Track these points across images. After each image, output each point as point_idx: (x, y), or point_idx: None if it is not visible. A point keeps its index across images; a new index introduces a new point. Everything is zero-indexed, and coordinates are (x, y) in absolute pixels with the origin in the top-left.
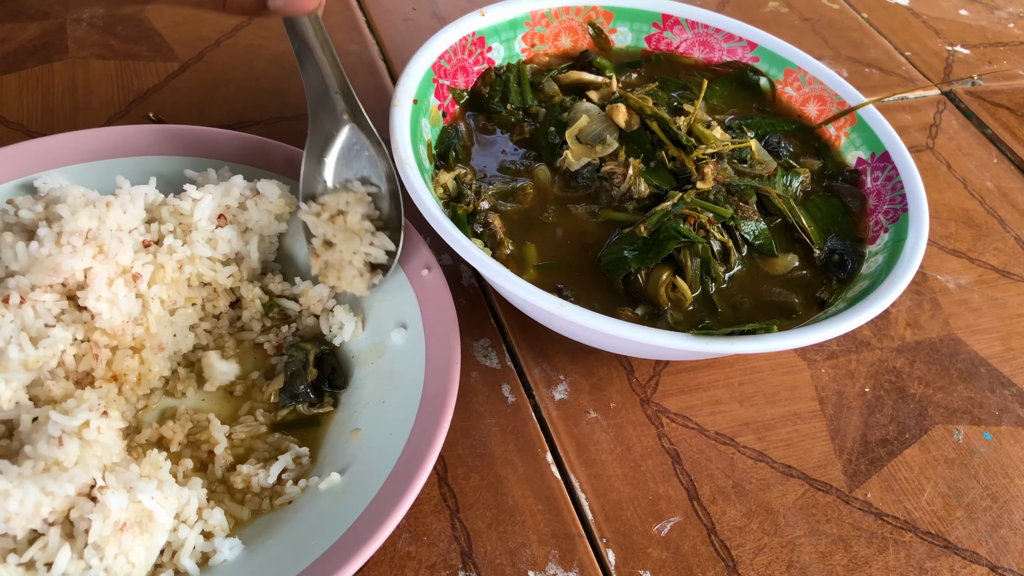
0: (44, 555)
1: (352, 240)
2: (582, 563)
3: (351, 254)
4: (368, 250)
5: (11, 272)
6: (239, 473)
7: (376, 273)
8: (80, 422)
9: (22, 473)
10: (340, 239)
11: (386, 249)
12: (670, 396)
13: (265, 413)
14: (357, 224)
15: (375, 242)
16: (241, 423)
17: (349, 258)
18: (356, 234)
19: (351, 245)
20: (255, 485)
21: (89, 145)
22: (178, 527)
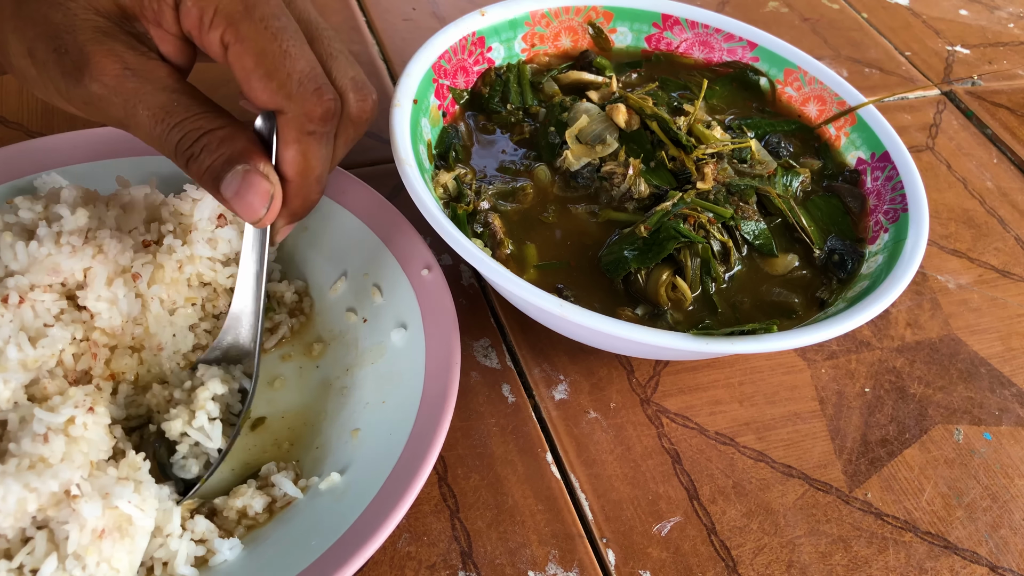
0: (32, 560)
1: (180, 419)
2: (582, 563)
3: (176, 434)
4: (196, 435)
5: (10, 272)
6: (231, 507)
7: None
8: (65, 418)
9: (6, 471)
10: (171, 414)
11: (215, 447)
12: (670, 396)
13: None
14: (201, 401)
15: (208, 431)
16: None
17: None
18: (193, 413)
19: (176, 425)
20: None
21: (89, 145)
22: (165, 541)
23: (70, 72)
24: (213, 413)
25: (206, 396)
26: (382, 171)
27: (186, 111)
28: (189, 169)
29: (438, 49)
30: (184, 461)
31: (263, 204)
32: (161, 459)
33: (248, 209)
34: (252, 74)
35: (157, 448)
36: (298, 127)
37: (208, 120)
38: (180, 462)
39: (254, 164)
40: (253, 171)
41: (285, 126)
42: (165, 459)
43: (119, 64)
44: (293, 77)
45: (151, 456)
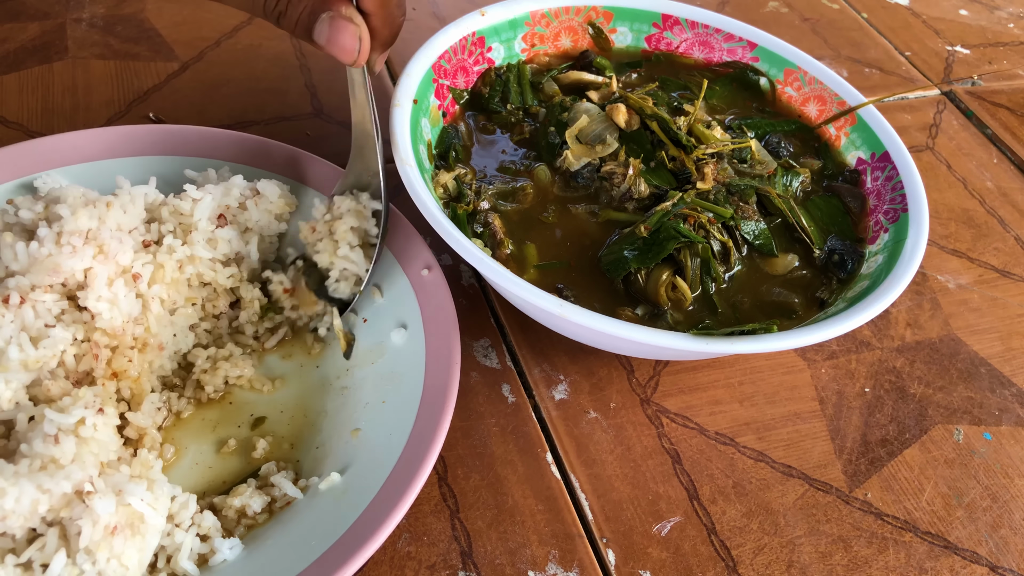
0: (42, 556)
1: (327, 251)
2: (582, 563)
3: (326, 262)
4: (342, 263)
5: (11, 272)
6: (230, 507)
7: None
8: (76, 419)
9: (18, 471)
10: (320, 247)
11: (357, 274)
12: (670, 396)
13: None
14: (343, 232)
15: (352, 256)
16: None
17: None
18: (337, 243)
19: (325, 256)
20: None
21: (89, 145)
22: (172, 531)
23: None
24: (353, 241)
25: (344, 228)
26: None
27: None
28: (281, 24)
29: (438, 49)
30: (336, 285)
31: (354, 44)
32: (314, 284)
33: (343, 51)
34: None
35: (308, 276)
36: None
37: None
38: (333, 286)
39: (336, 9)
40: (336, 16)
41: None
42: (319, 284)
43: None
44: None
45: (306, 283)
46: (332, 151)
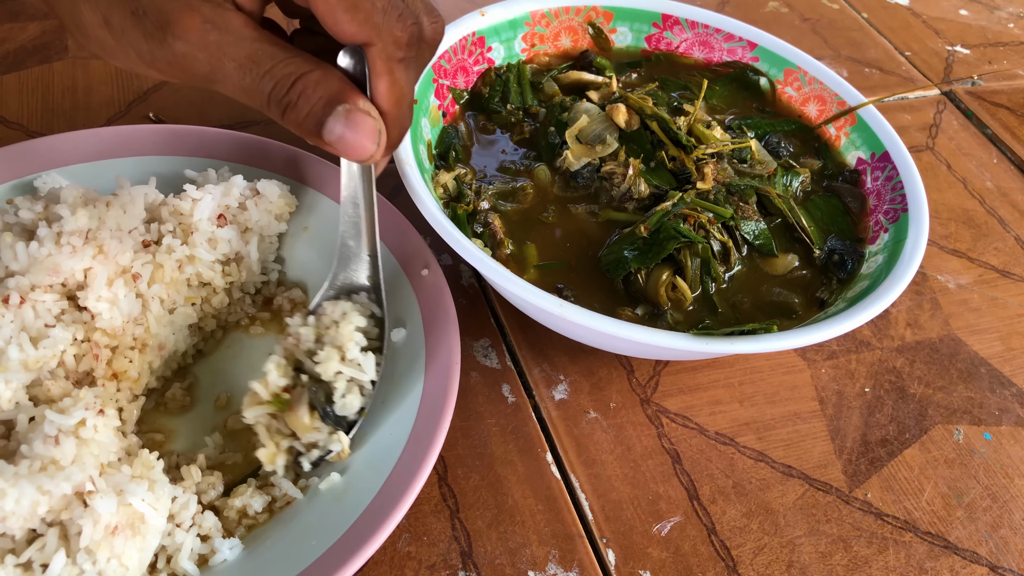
0: (41, 556)
1: (332, 359)
2: (582, 563)
3: (331, 373)
4: (350, 371)
5: (11, 272)
6: (231, 507)
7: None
8: (76, 421)
9: (18, 472)
10: (321, 356)
11: (370, 379)
12: (670, 396)
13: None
14: (348, 334)
15: (361, 361)
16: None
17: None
18: (341, 348)
19: (331, 365)
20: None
21: (89, 145)
22: (173, 531)
23: (152, 34)
24: (362, 343)
25: (350, 329)
26: (382, 171)
27: (272, 58)
28: (286, 119)
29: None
30: (344, 400)
31: (372, 141)
32: (320, 403)
33: (355, 149)
34: (337, 7)
35: (315, 394)
36: (388, 56)
37: (297, 64)
38: (341, 402)
39: (353, 102)
40: (354, 110)
41: (375, 58)
42: (324, 402)
43: (199, 19)
44: (377, 6)
45: (311, 403)
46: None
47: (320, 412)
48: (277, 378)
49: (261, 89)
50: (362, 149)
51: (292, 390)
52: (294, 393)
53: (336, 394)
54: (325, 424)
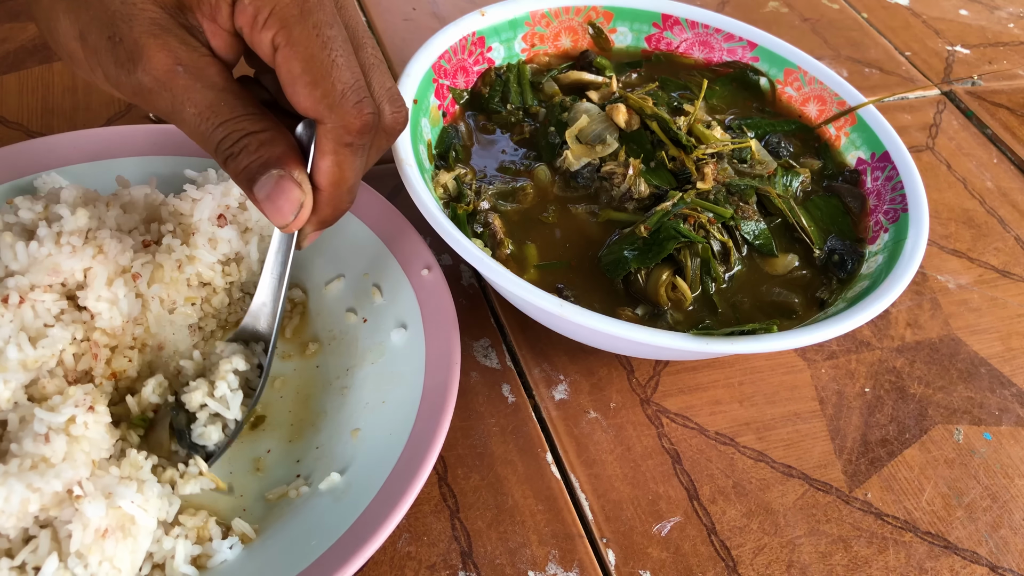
0: (34, 559)
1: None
2: (582, 563)
3: (195, 404)
4: (215, 405)
5: (11, 272)
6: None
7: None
8: (65, 418)
9: (8, 471)
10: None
11: (233, 417)
12: (670, 396)
13: None
14: (223, 372)
15: (229, 399)
16: None
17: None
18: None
19: (196, 396)
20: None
21: (89, 145)
22: (169, 533)
23: (123, 62)
24: (233, 385)
25: (228, 368)
26: (382, 171)
27: (231, 111)
28: (227, 167)
29: (438, 49)
30: (204, 430)
31: (292, 210)
32: (180, 426)
33: (277, 213)
34: (298, 80)
35: (175, 416)
36: (336, 138)
37: (251, 122)
38: (199, 431)
39: (288, 170)
40: (287, 177)
41: (324, 136)
42: (184, 427)
43: (172, 59)
44: (337, 88)
45: (169, 425)
46: None
47: (176, 435)
48: (150, 393)
49: (212, 138)
50: (281, 216)
51: (158, 410)
52: (159, 413)
53: (196, 424)
54: (180, 447)
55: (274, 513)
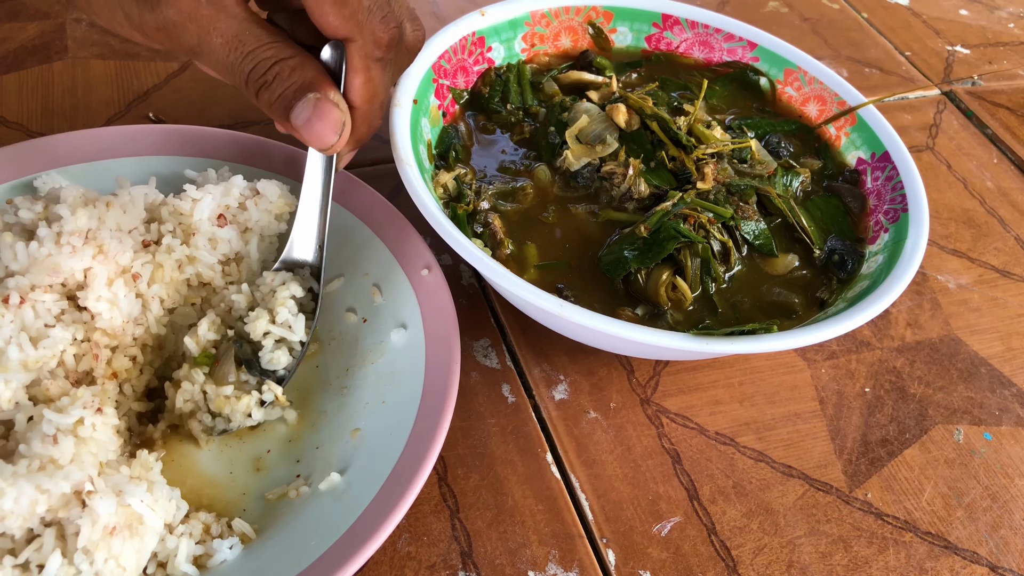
0: (38, 556)
1: (262, 319)
2: (582, 563)
3: (260, 333)
4: (280, 331)
5: (11, 272)
6: None
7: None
8: (74, 419)
9: (17, 471)
10: (251, 316)
11: (299, 339)
12: (670, 396)
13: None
14: (282, 299)
15: (292, 323)
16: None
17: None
18: (272, 311)
19: (259, 325)
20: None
21: (89, 145)
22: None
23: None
24: (293, 310)
25: (286, 295)
26: (382, 171)
27: (258, 40)
28: (259, 98)
29: (438, 49)
30: (272, 355)
31: (335, 132)
32: (246, 356)
33: (318, 137)
34: (325, 1)
35: (239, 347)
36: (366, 54)
37: (279, 49)
38: (268, 357)
39: (324, 92)
40: (324, 100)
41: (354, 54)
42: (251, 356)
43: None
44: (363, 4)
45: (236, 357)
46: None
47: (245, 364)
48: (207, 331)
49: (242, 68)
50: (324, 138)
51: (219, 346)
52: (221, 348)
53: (264, 351)
54: (251, 375)
55: (274, 513)
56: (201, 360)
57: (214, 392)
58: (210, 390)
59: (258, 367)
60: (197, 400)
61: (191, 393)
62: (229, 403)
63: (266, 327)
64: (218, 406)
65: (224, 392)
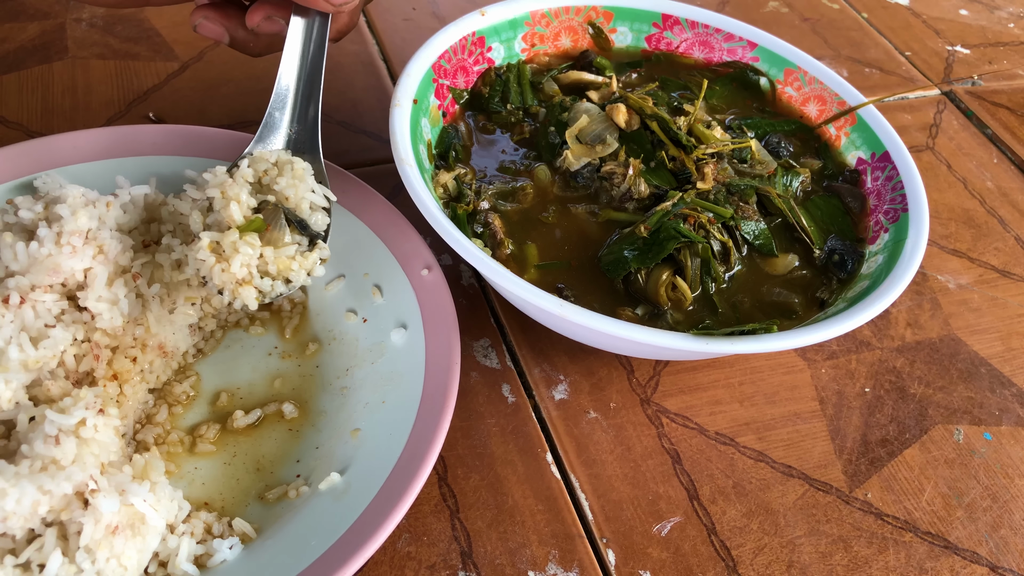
0: (39, 556)
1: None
2: (582, 563)
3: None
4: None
5: (11, 272)
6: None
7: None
8: (76, 420)
9: (19, 472)
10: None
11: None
12: (670, 396)
13: None
14: (302, 169)
15: (317, 190)
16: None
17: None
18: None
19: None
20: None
21: (89, 145)
22: (167, 537)
23: None
24: (314, 185)
25: (305, 165)
26: (382, 171)
27: None
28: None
29: (438, 49)
30: (315, 216)
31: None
32: (296, 218)
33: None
34: None
35: (288, 210)
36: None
37: None
38: (313, 218)
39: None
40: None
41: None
42: (297, 218)
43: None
44: None
45: (287, 218)
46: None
47: (297, 224)
48: (249, 198)
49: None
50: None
51: (261, 211)
52: (265, 212)
53: (304, 213)
54: (304, 235)
55: (274, 513)
56: (251, 226)
57: (273, 255)
58: (268, 253)
59: (309, 227)
60: (252, 267)
61: (249, 258)
62: (293, 262)
63: (304, 191)
64: (281, 268)
65: (287, 253)
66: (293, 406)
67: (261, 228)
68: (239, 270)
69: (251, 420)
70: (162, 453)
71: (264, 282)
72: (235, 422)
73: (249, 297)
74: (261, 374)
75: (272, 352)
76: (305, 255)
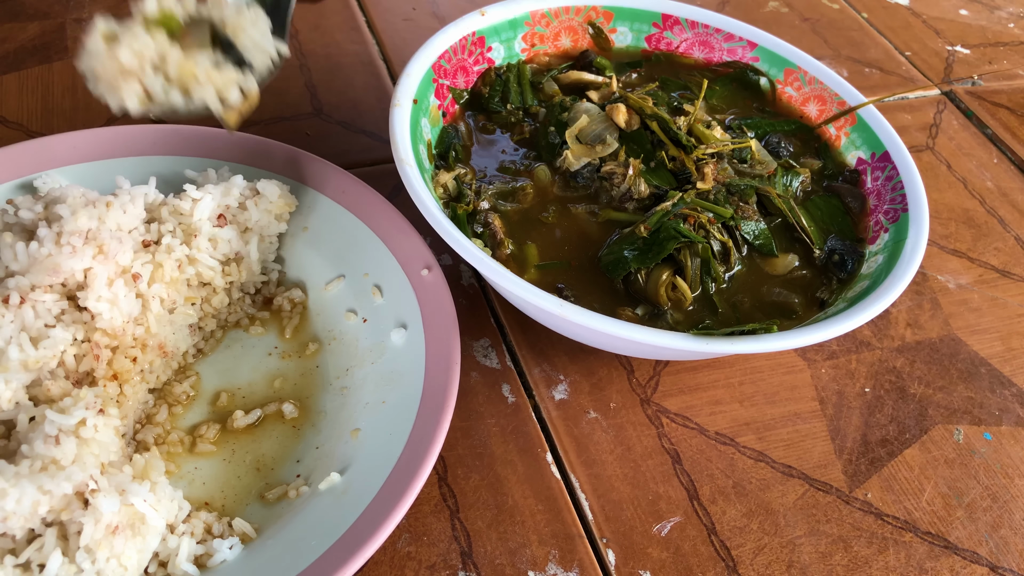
0: (39, 556)
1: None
2: (582, 563)
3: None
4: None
5: (11, 272)
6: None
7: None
8: (76, 420)
9: (19, 472)
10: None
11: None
12: (670, 396)
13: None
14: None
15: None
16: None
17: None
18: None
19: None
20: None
21: (89, 145)
22: (167, 537)
23: None
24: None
25: (260, 15)
26: (382, 171)
27: None
28: None
29: (438, 49)
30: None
31: None
32: (225, 38)
33: None
34: None
35: (217, 28)
36: None
37: None
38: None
39: None
40: None
41: None
42: (225, 37)
43: None
44: None
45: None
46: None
47: (223, 45)
48: (177, 4)
49: None
50: None
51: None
52: (192, 23)
53: (242, 47)
54: (228, 58)
55: (274, 513)
56: (162, 21)
57: (178, 59)
58: (174, 55)
59: (235, 50)
60: (149, 59)
61: (142, 48)
62: (201, 77)
63: (245, 26)
64: (183, 75)
65: (197, 62)
66: (293, 406)
67: (176, 29)
68: (127, 58)
69: (251, 420)
70: (162, 453)
71: (155, 81)
72: (235, 422)
73: (128, 93)
74: (261, 374)
75: (272, 352)
76: (220, 71)
